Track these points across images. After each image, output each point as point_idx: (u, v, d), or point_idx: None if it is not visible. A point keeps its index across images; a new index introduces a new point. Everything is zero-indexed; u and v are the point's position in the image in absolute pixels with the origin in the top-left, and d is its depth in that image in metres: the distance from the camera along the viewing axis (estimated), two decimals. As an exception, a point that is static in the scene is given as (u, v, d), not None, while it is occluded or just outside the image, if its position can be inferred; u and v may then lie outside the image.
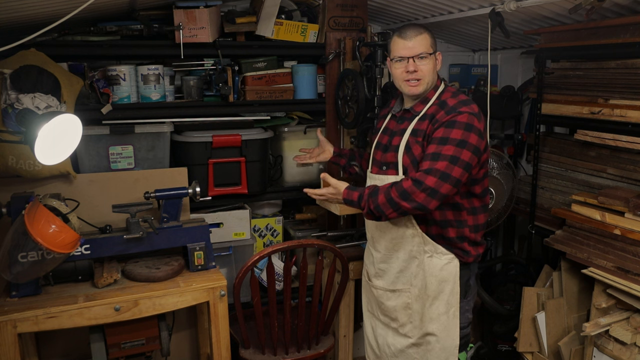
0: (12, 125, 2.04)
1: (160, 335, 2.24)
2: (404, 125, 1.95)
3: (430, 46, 1.89)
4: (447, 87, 1.96)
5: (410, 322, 1.98)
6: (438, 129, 1.79)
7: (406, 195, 1.74)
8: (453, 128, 1.77)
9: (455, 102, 1.85)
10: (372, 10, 2.95)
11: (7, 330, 1.85)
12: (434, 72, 1.91)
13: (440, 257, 1.91)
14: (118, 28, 2.42)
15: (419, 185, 1.73)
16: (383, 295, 2.04)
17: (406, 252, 1.95)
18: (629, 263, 2.08)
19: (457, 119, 1.78)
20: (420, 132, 1.87)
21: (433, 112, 1.87)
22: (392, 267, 1.99)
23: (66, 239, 1.81)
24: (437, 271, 1.91)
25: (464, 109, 1.80)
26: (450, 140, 1.76)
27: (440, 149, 1.76)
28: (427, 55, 1.87)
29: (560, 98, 2.49)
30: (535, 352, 2.51)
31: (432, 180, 1.73)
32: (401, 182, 1.77)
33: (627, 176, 2.29)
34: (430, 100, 1.92)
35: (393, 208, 1.77)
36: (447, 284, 1.92)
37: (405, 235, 1.93)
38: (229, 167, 2.67)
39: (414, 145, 1.87)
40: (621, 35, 2.13)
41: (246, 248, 2.78)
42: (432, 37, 1.91)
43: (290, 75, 2.81)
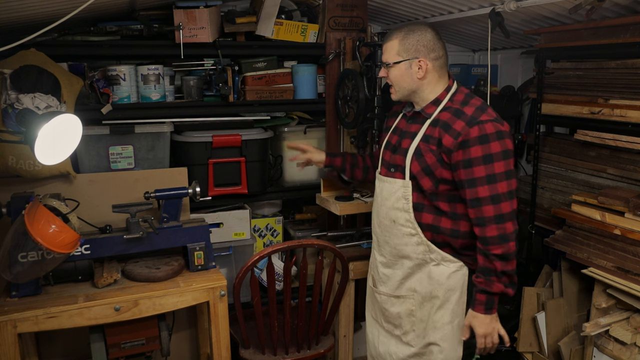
0: (12, 125, 2.04)
1: (160, 335, 2.24)
2: (414, 128, 1.87)
3: (397, 54, 1.81)
4: (459, 88, 1.87)
5: (413, 331, 1.93)
6: (473, 148, 1.70)
7: (504, 258, 1.71)
8: (489, 142, 1.70)
9: (473, 111, 1.75)
10: (372, 10, 2.95)
11: (7, 330, 1.85)
12: (405, 80, 1.82)
13: (448, 265, 1.84)
14: (118, 28, 2.42)
15: (503, 239, 1.70)
16: (387, 301, 1.99)
17: (412, 259, 1.89)
18: (629, 263, 2.08)
19: (487, 132, 1.70)
20: (432, 140, 1.79)
21: (447, 120, 1.77)
22: (397, 273, 1.94)
23: (66, 239, 1.81)
24: (444, 279, 1.84)
25: (484, 117, 1.72)
26: (495, 156, 1.70)
27: (492, 169, 1.69)
28: (391, 63, 1.82)
29: (560, 98, 2.49)
30: (535, 352, 2.51)
31: (511, 223, 1.71)
32: (485, 236, 1.72)
33: (627, 176, 2.29)
34: (442, 101, 1.83)
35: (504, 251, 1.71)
36: (454, 292, 1.85)
37: (410, 243, 1.87)
38: (229, 167, 2.67)
39: (426, 153, 1.79)
40: (621, 35, 2.13)
41: (246, 248, 2.78)
42: (402, 45, 1.79)
43: (290, 75, 2.81)
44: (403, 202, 1.85)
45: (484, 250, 1.73)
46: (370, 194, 2.64)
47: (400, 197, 1.86)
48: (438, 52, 1.81)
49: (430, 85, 1.84)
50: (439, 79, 1.85)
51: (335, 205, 2.51)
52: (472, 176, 1.71)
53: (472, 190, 1.72)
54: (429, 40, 1.79)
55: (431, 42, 1.80)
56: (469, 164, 1.72)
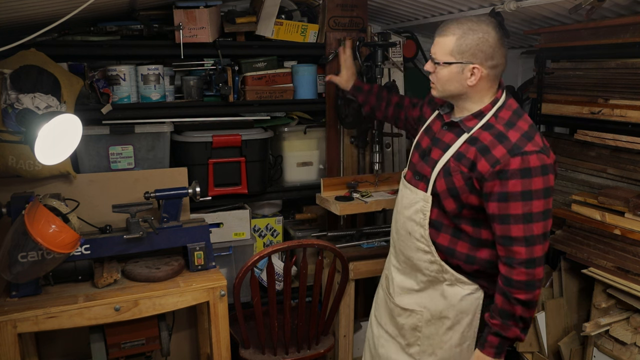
0: (12, 125, 2.04)
1: (160, 335, 2.24)
2: (448, 138, 1.68)
3: (450, 54, 1.58)
4: (507, 101, 1.64)
5: (418, 345, 1.81)
6: (512, 181, 1.52)
7: (527, 304, 1.56)
8: (531, 177, 1.51)
9: (518, 138, 1.54)
10: (372, 10, 2.95)
11: (7, 330, 1.85)
12: (452, 84, 1.61)
13: (463, 287, 1.71)
14: (118, 28, 2.42)
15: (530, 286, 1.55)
16: (395, 309, 1.88)
17: (425, 275, 1.76)
18: (629, 263, 2.08)
19: (530, 166, 1.51)
20: (465, 160, 1.60)
21: (488, 144, 1.56)
22: (409, 282, 1.82)
23: (66, 239, 1.81)
24: (456, 300, 1.71)
25: (530, 147, 1.52)
26: (535, 194, 1.51)
27: (530, 208, 1.51)
28: (440, 63, 1.61)
29: (560, 98, 2.49)
30: (535, 352, 2.51)
31: (539, 268, 1.55)
32: (511, 278, 1.55)
33: (627, 176, 2.29)
34: (485, 116, 1.61)
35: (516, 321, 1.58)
36: (466, 315, 1.73)
37: (424, 259, 1.74)
38: (229, 167, 2.67)
39: (455, 174, 1.62)
40: (621, 35, 2.13)
41: (246, 248, 2.78)
42: (458, 44, 1.56)
43: (290, 75, 2.81)
44: (420, 217, 1.71)
45: (506, 292, 1.57)
46: (371, 194, 2.64)
47: (419, 211, 1.72)
48: (497, 60, 1.59)
49: (479, 94, 1.63)
50: (489, 89, 1.64)
51: (335, 205, 2.51)
52: (507, 212, 1.53)
53: (505, 227, 1.55)
54: (490, 46, 1.57)
55: (492, 47, 1.57)
56: (504, 197, 1.53)
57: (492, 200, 1.56)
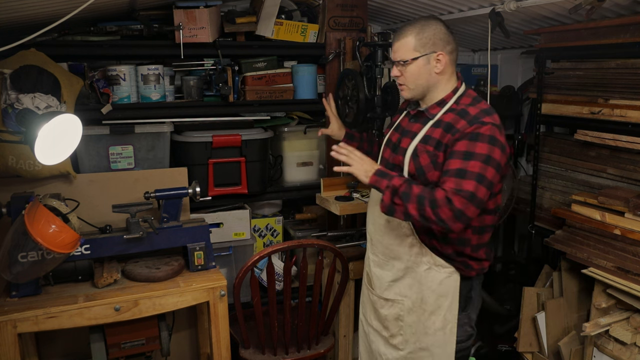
0: (12, 125, 2.04)
1: (160, 335, 2.24)
2: (415, 128, 1.81)
3: (413, 50, 1.72)
4: (467, 91, 1.79)
5: (401, 335, 1.88)
6: (460, 141, 1.64)
7: (435, 205, 1.58)
8: (477, 141, 1.62)
9: (477, 112, 1.68)
10: (372, 10, 2.95)
11: (7, 330, 1.85)
12: (422, 77, 1.74)
13: (440, 270, 1.79)
14: (118, 28, 2.42)
15: (448, 202, 1.57)
16: (377, 301, 1.95)
17: (402, 261, 1.84)
18: (629, 263, 2.08)
19: (480, 131, 1.63)
20: (432, 140, 1.72)
21: (451, 121, 1.70)
22: (386, 274, 1.89)
23: (66, 239, 1.81)
24: (435, 285, 1.80)
25: (487, 119, 1.65)
26: (476, 156, 1.61)
27: (467, 165, 1.60)
28: (408, 60, 1.73)
29: (560, 98, 2.49)
30: (535, 352, 2.51)
31: (460, 201, 1.57)
32: (435, 190, 1.62)
33: (627, 176, 2.29)
34: (448, 103, 1.75)
35: (418, 205, 1.60)
36: (446, 298, 1.81)
37: (403, 244, 1.82)
38: (229, 167, 2.67)
39: (422, 154, 1.73)
40: (621, 35, 2.13)
41: (246, 248, 2.78)
42: (420, 39, 1.71)
43: (290, 75, 2.81)
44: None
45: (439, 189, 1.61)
46: None
47: None
48: (453, 45, 1.75)
49: (444, 81, 1.76)
50: (451, 75, 1.78)
51: (335, 205, 2.51)
52: (447, 167, 1.64)
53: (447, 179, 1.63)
54: (444, 33, 1.73)
55: (446, 34, 1.73)
56: (450, 155, 1.65)
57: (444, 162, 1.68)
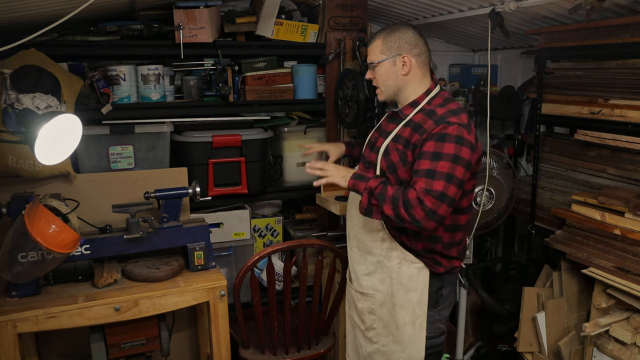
0: (12, 125, 2.04)
1: (160, 335, 2.24)
2: (390, 128, 1.89)
3: (381, 52, 1.82)
4: (440, 92, 1.86)
5: (374, 328, 1.95)
6: (428, 142, 1.70)
7: (408, 205, 1.64)
8: (444, 142, 1.68)
9: (444, 112, 1.75)
10: (372, 10, 2.95)
11: (7, 330, 1.85)
12: (390, 78, 1.83)
13: (409, 266, 1.84)
14: (118, 28, 2.42)
15: (420, 202, 1.63)
16: (355, 295, 2.01)
17: (374, 255, 1.90)
18: (629, 263, 2.08)
19: (447, 132, 1.68)
20: (401, 139, 1.80)
21: (419, 121, 1.78)
22: (361, 268, 1.96)
23: (66, 239, 1.81)
24: (405, 280, 1.86)
25: (453, 119, 1.71)
26: (444, 156, 1.66)
27: (435, 166, 1.66)
28: (376, 63, 1.83)
29: (560, 98, 2.49)
30: (535, 352, 2.51)
31: (431, 201, 1.63)
32: (408, 190, 1.67)
33: (627, 176, 2.29)
34: (420, 104, 1.83)
35: (392, 206, 1.66)
36: (415, 293, 1.86)
37: (375, 239, 1.88)
38: (229, 167, 2.67)
39: (392, 152, 1.81)
40: (621, 35, 2.13)
41: (246, 248, 2.78)
42: (388, 41, 1.81)
43: (290, 75, 2.81)
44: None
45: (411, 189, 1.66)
46: None
47: None
48: (420, 49, 1.82)
49: (414, 82, 1.83)
50: (422, 77, 1.84)
51: (335, 205, 2.51)
52: (417, 167, 1.69)
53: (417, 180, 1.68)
54: (410, 37, 1.81)
55: (412, 38, 1.81)
56: (419, 156, 1.71)
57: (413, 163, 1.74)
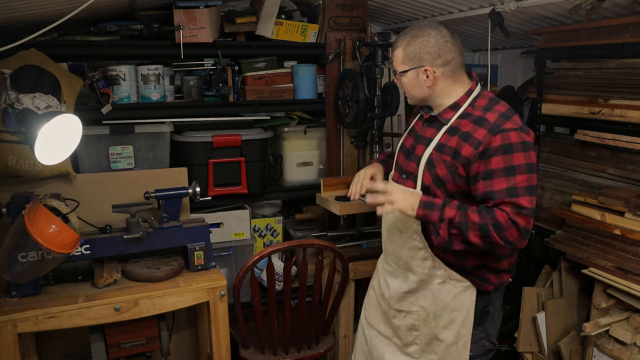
0: (12, 125, 2.04)
1: (160, 335, 2.24)
2: (429, 133, 1.73)
3: (402, 63, 1.69)
4: (482, 92, 1.70)
5: (416, 344, 1.82)
6: (494, 158, 1.54)
7: (500, 229, 1.52)
8: (512, 153, 1.54)
9: (495, 118, 1.59)
10: (372, 10, 2.95)
11: (7, 330, 1.85)
12: (415, 89, 1.70)
13: (455, 285, 1.71)
14: (118, 28, 2.42)
15: (514, 224, 1.52)
16: (389, 311, 1.88)
17: (417, 274, 1.76)
18: (629, 263, 2.08)
19: (510, 141, 1.54)
20: (447, 149, 1.64)
21: (469, 130, 1.61)
22: (401, 285, 1.82)
23: (66, 239, 1.81)
24: (449, 299, 1.73)
25: (508, 125, 1.56)
26: (518, 168, 1.53)
27: (514, 182, 1.53)
28: (398, 73, 1.72)
29: (560, 98, 2.49)
30: (535, 352, 2.51)
31: (524, 219, 1.53)
32: (495, 213, 1.53)
33: (627, 176, 2.28)
34: (462, 107, 1.67)
35: (481, 232, 1.53)
36: (460, 314, 1.73)
37: (416, 257, 1.74)
38: (229, 167, 2.67)
39: (438, 164, 1.65)
40: (621, 35, 2.13)
41: (246, 248, 2.78)
42: (405, 53, 1.67)
43: (290, 75, 2.81)
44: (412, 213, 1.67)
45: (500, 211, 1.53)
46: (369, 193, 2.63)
47: None
48: (446, 57, 1.65)
49: (444, 92, 1.69)
50: (455, 83, 1.69)
51: (335, 205, 2.51)
52: (492, 188, 1.55)
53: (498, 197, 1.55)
54: (432, 46, 1.64)
55: (435, 47, 1.64)
56: (489, 175, 1.56)
57: (477, 181, 1.59)
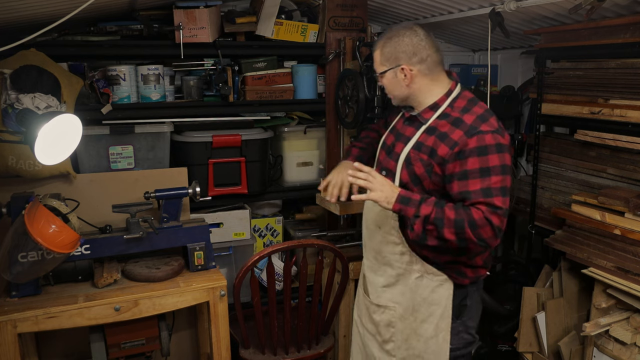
0: (12, 125, 2.04)
1: (160, 335, 2.24)
2: (409, 132, 1.77)
3: (381, 64, 1.73)
4: (462, 93, 1.74)
5: (393, 341, 1.86)
6: (470, 159, 1.59)
7: (475, 226, 1.55)
8: (487, 155, 1.58)
9: (472, 120, 1.63)
10: (372, 10, 2.95)
11: (7, 330, 1.85)
12: (396, 88, 1.74)
13: (432, 279, 1.76)
14: (118, 28, 2.42)
15: (489, 222, 1.55)
16: (370, 307, 1.93)
17: (394, 268, 1.81)
18: (629, 263, 2.08)
19: (486, 143, 1.58)
20: (425, 148, 1.68)
21: (446, 130, 1.65)
22: (379, 279, 1.86)
23: (66, 239, 1.81)
24: (427, 293, 1.77)
25: (484, 127, 1.61)
26: (492, 170, 1.58)
27: (489, 183, 1.57)
28: (378, 75, 1.76)
29: (560, 98, 2.49)
30: (535, 352, 2.51)
31: (498, 218, 1.56)
32: (471, 210, 1.57)
33: (627, 176, 2.28)
34: (441, 107, 1.71)
35: (456, 229, 1.57)
36: (438, 307, 1.78)
37: (394, 252, 1.79)
38: (229, 167, 2.67)
39: (416, 162, 1.69)
40: (621, 35, 2.13)
41: (246, 248, 2.78)
42: (382, 54, 1.71)
43: (290, 75, 2.81)
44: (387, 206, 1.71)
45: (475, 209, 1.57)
46: None
47: None
48: (421, 55, 1.67)
49: (423, 90, 1.72)
50: (433, 81, 1.72)
51: (335, 205, 2.50)
52: (467, 188, 1.59)
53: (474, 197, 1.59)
54: (407, 45, 1.67)
55: (410, 45, 1.67)
56: (464, 175, 1.60)
57: (452, 181, 1.63)
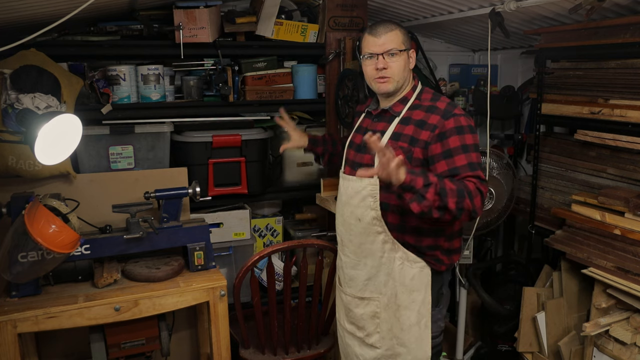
0: (12, 125, 2.04)
1: (160, 335, 2.24)
2: (381, 126, 1.88)
3: (402, 43, 1.84)
4: (424, 88, 1.92)
5: (378, 332, 1.91)
6: (451, 137, 1.74)
7: (471, 196, 1.66)
8: (464, 134, 1.76)
9: (445, 105, 1.82)
10: (372, 10, 2.95)
11: (7, 330, 1.85)
12: (405, 70, 1.86)
13: (412, 265, 1.84)
14: (118, 28, 2.42)
15: (480, 192, 1.69)
16: (352, 302, 1.96)
17: (375, 258, 1.85)
18: (629, 263, 2.08)
19: (462, 124, 1.76)
20: (404, 137, 1.81)
21: (422, 118, 1.81)
22: (361, 274, 1.90)
23: (66, 239, 1.81)
24: (408, 280, 1.84)
25: (457, 110, 1.80)
26: (470, 147, 1.75)
27: (471, 158, 1.74)
28: (397, 52, 1.82)
29: (560, 98, 2.49)
30: (535, 352, 2.51)
31: (485, 189, 1.73)
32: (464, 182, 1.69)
33: (627, 176, 2.28)
34: (410, 100, 1.87)
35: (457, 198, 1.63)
36: (419, 293, 1.86)
37: (376, 241, 1.83)
38: (229, 167, 2.67)
39: (396, 150, 1.73)
40: (621, 35, 2.13)
41: (246, 248, 2.78)
42: (404, 34, 1.85)
43: (290, 75, 2.81)
44: (370, 201, 1.80)
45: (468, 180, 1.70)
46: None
47: (367, 196, 1.81)
48: None
49: (407, 79, 1.90)
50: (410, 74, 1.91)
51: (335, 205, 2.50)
52: (454, 165, 1.73)
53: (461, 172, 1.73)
54: None
55: None
56: (449, 154, 1.74)
57: (439, 160, 1.76)
